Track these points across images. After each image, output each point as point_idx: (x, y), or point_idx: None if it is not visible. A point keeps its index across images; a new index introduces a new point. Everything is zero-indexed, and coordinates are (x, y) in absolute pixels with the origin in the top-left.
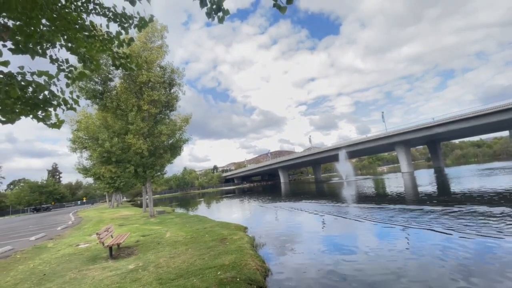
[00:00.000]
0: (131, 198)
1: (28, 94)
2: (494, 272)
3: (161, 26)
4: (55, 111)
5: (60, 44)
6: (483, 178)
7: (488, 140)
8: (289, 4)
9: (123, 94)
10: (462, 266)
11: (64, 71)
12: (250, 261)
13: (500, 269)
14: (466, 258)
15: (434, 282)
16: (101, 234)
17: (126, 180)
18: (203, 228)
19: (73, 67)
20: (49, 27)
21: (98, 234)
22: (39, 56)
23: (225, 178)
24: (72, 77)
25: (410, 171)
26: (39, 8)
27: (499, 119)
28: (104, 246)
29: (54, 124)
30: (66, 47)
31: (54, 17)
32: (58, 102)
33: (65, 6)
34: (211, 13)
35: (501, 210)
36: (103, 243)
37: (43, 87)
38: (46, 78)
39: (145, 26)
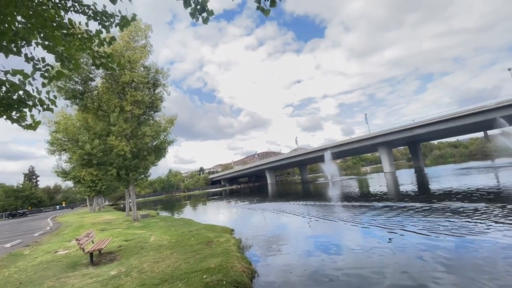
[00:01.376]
0: (113, 202)
1: (1, 94)
2: (469, 268)
3: (145, 25)
4: (30, 112)
5: (36, 42)
6: (460, 177)
7: (464, 141)
8: (272, 7)
9: (105, 94)
10: (441, 264)
11: (40, 70)
12: (237, 263)
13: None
14: (443, 257)
15: (414, 277)
16: (81, 240)
17: (108, 183)
18: (188, 231)
19: (49, 66)
20: (24, 24)
21: (78, 240)
22: (14, 54)
23: (212, 180)
24: (49, 77)
25: (392, 171)
26: (14, 5)
27: (474, 121)
28: (85, 252)
29: (29, 125)
30: (43, 45)
31: (30, 14)
32: (33, 103)
33: (42, 3)
34: (195, 13)
35: (475, 206)
36: (83, 249)
37: (18, 87)
38: (21, 77)
39: (127, 25)
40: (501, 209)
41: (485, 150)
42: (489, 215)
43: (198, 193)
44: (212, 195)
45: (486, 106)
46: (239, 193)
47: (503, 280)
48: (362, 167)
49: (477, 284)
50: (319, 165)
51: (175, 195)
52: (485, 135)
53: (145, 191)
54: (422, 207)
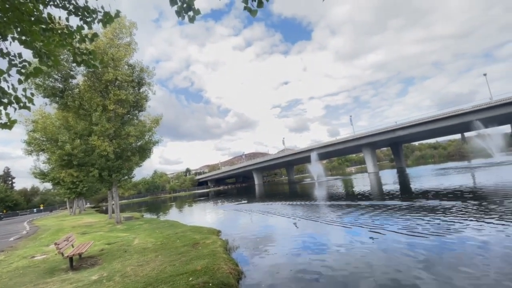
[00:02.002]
0: (95, 204)
1: None
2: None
3: (129, 22)
4: (5, 110)
5: (13, 36)
6: (439, 177)
7: (443, 142)
8: (259, 8)
9: (87, 92)
10: (420, 262)
11: (17, 66)
12: (223, 264)
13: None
14: (422, 254)
15: (396, 275)
16: (60, 244)
17: (90, 184)
18: (174, 233)
19: (27, 62)
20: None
21: (56, 244)
22: None
23: (198, 181)
24: (25, 73)
25: (375, 172)
26: None
27: (452, 123)
28: (64, 256)
29: (4, 124)
30: (20, 40)
31: (6, 8)
32: (9, 100)
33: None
34: (181, 11)
35: (452, 204)
36: (63, 254)
37: None
38: None
39: (110, 22)
40: (476, 207)
41: (462, 151)
42: (465, 213)
43: (184, 195)
44: (198, 196)
45: (463, 110)
46: (226, 194)
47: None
48: (347, 168)
49: (454, 279)
50: (305, 165)
51: (160, 196)
52: (462, 137)
53: (129, 192)
54: (403, 205)
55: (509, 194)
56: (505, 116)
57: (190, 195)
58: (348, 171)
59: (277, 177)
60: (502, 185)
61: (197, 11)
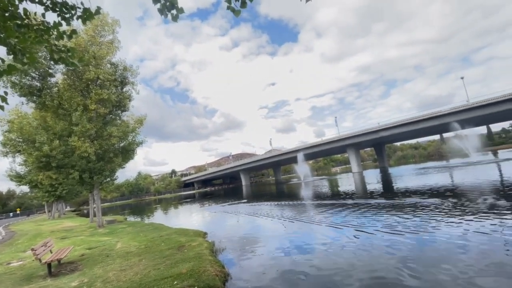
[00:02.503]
0: (76, 208)
1: None
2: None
3: (112, 20)
4: None
5: None
6: (419, 176)
7: (423, 143)
8: (243, 8)
9: (66, 91)
10: (403, 259)
11: None
12: (209, 267)
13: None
14: (405, 251)
15: (380, 273)
16: (37, 250)
17: (70, 187)
18: (159, 236)
19: (0, 59)
20: None
21: (33, 250)
22: None
23: (185, 182)
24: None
25: (359, 171)
26: None
27: (432, 125)
28: (42, 263)
29: None
30: None
31: None
32: None
33: None
34: (164, 10)
35: (431, 202)
36: (40, 260)
37: None
38: None
39: (90, 19)
40: (453, 204)
41: (441, 151)
42: (443, 210)
43: (170, 197)
44: (184, 198)
45: (442, 112)
46: (213, 195)
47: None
48: (333, 168)
49: (436, 274)
50: (292, 166)
51: (144, 199)
52: (441, 137)
53: (112, 195)
54: (387, 204)
55: (484, 192)
56: (481, 117)
57: (175, 197)
58: (333, 171)
59: (264, 178)
60: (478, 184)
61: (181, 10)
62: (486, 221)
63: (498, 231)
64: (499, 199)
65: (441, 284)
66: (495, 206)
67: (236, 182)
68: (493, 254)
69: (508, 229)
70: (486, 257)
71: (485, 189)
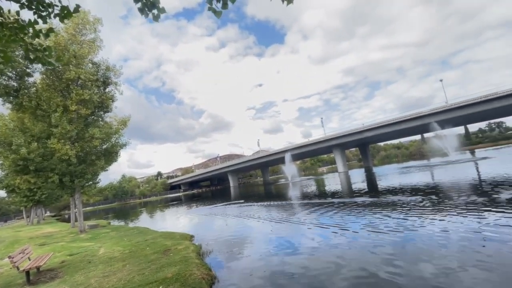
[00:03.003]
0: (56, 212)
1: None
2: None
3: (94, 18)
4: None
5: None
6: (402, 175)
7: (405, 143)
8: (224, 9)
9: (45, 92)
10: (389, 256)
11: None
12: (196, 270)
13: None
14: (390, 249)
15: (368, 272)
16: (15, 257)
17: (49, 191)
18: (144, 240)
19: None
20: None
21: (11, 258)
22: None
23: (171, 184)
24: None
25: (345, 171)
26: None
27: (413, 125)
28: (19, 270)
29: None
30: None
31: None
32: None
33: None
34: (144, 9)
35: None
36: (18, 268)
37: None
38: None
39: (68, 17)
40: (434, 201)
41: (422, 150)
42: (424, 206)
43: (156, 199)
44: (171, 200)
45: (422, 112)
46: (201, 197)
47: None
48: (319, 168)
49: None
50: (280, 166)
51: (129, 202)
52: (422, 137)
53: (94, 199)
54: (371, 202)
55: (462, 189)
56: (459, 118)
57: (161, 200)
58: (320, 171)
59: (252, 179)
60: (456, 182)
61: (162, 10)
62: (464, 217)
63: (476, 227)
64: (476, 196)
65: (423, 278)
66: (473, 203)
67: (224, 184)
68: (471, 248)
69: (486, 225)
70: (464, 250)
71: (463, 187)
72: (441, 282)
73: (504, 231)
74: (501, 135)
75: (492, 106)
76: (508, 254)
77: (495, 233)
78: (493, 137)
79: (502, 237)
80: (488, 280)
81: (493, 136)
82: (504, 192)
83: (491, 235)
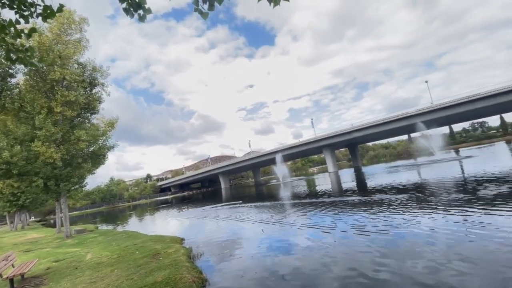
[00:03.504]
0: (41, 218)
1: None
2: (401, 255)
3: (80, 18)
4: None
5: None
6: (390, 174)
7: (393, 142)
8: (210, 10)
9: (29, 93)
10: (379, 254)
11: None
12: (186, 274)
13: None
14: (380, 247)
15: (359, 271)
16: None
17: (34, 196)
18: (133, 244)
19: None
20: None
21: None
22: None
23: (161, 187)
24: None
25: (335, 171)
26: None
27: (400, 125)
28: (3, 278)
29: None
30: None
31: None
32: None
33: None
34: (130, 9)
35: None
36: (1, 275)
37: None
38: None
39: (51, 16)
40: (420, 198)
41: (409, 150)
42: (411, 204)
43: (145, 202)
44: (161, 203)
45: (409, 113)
46: (191, 200)
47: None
48: (310, 168)
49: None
50: (271, 167)
51: (117, 205)
52: (409, 137)
53: (81, 203)
54: (361, 200)
55: (447, 187)
56: (444, 118)
57: (151, 203)
58: (310, 171)
59: (244, 180)
60: (442, 180)
61: (148, 10)
62: (450, 214)
63: (460, 222)
64: (460, 193)
65: (411, 271)
66: (457, 200)
67: (215, 185)
68: (457, 243)
69: (470, 221)
70: (451, 245)
71: (448, 185)
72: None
73: (487, 227)
74: (484, 135)
75: (475, 106)
76: (492, 249)
77: (479, 230)
78: (476, 137)
79: (486, 233)
80: (474, 274)
81: (476, 135)
82: (486, 189)
83: (476, 231)
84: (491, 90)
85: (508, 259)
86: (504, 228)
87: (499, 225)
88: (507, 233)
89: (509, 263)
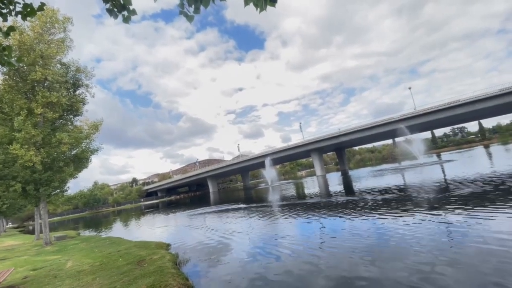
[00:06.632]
0: (19, 224)
1: None
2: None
3: (63, 17)
4: None
5: None
6: (375, 177)
7: (378, 147)
8: (196, 14)
9: (7, 93)
10: (368, 257)
11: None
12: (172, 280)
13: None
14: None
15: (344, 272)
16: None
17: (11, 201)
18: (116, 251)
19: None
20: None
21: None
22: None
23: (147, 191)
24: None
25: (323, 174)
26: None
27: (385, 130)
28: None
29: None
30: None
31: None
32: None
33: None
34: (113, 10)
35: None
36: None
37: None
38: None
39: (31, 15)
40: (405, 199)
41: (394, 154)
42: (395, 205)
43: (131, 207)
44: (147, 208)
45: (393, 118)
46: (178, 204)
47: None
48: (299, 172)
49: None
50: (260, 171)
51: (101, 211)
52: (393, 142)
53: (63, 208)
54: (347, 200)
55: (429, 189)
56: (426, 123)
57: (137, 208)
58: (299, 174)
59: (232, 184)
60: (424, 182)
61: (133, 12)
62: (431, 214)
63: (442, 222)
64: (441, 194)
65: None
66: (439, 201)
67: (203, 189)
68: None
69: (451, 221)
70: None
71: (430, 187)
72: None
73: (468, 226)
74: (463, 139)
75: (455, 112)
76: (473, 247)
77: (460, 228)
78: (456, 141)
79: (467, 232)
80: (458, 273)
81: (457, 140)
82: (464, 190)
83: (457, 230)
84: (470, 97)
85: (486, 253)
86: (481, 226)
87: (475, 224)
88: (484, 230)
89: (487, 258)
